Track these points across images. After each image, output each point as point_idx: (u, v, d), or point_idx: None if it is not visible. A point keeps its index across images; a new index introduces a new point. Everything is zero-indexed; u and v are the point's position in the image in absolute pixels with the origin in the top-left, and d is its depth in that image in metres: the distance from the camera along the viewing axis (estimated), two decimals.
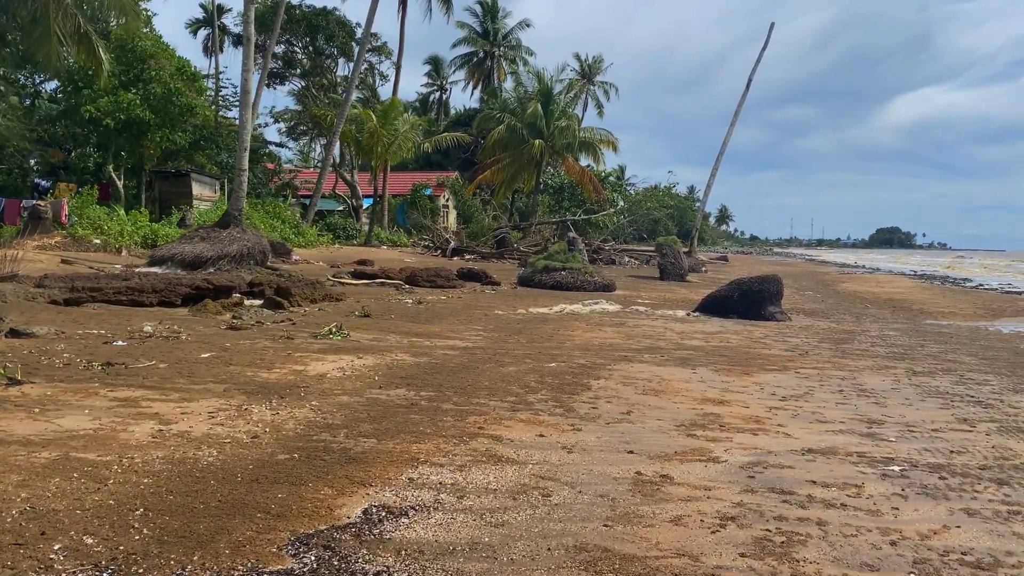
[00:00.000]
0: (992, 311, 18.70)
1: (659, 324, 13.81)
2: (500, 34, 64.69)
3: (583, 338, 11.33)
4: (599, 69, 71.21)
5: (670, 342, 11.39)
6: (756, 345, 11.49)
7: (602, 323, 13.48)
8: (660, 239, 31.44)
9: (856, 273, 45.27)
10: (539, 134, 43.95)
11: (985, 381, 8.96)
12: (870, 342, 12.40)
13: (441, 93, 76.06)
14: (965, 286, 32.17)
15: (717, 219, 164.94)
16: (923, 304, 20.89)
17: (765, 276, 16.27)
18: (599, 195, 47.75)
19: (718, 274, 37.42)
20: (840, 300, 22.53)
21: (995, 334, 14.17)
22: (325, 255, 28.39)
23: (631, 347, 10.62)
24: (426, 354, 8.97)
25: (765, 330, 13.67)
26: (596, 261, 38.25)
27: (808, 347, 11.50)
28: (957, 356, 11.04)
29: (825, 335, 13.21)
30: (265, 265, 18.56)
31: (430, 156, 61.32)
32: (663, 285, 26.19)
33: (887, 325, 15.46)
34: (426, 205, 47.50)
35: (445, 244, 37.73)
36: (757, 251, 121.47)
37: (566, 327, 12.56)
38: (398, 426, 5.65)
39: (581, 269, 20.48)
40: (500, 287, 20.04)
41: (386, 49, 42.30)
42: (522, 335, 11.26)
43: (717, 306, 16.30)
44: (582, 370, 8.48)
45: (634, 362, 9.28)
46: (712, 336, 12.37)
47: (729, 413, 6.73)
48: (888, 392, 8.10)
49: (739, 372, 8.92)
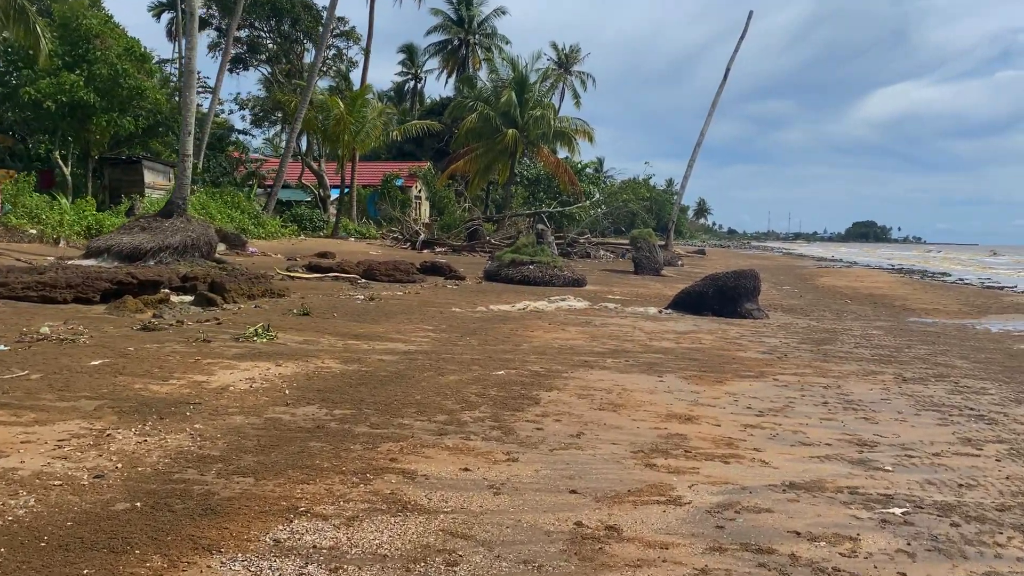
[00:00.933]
0: (977, 308, 17.94)
1: (628, 323, 12.83)
2: (475, 21, 63.44)
3: (543, 339, 10.32)
4: (576, 59, 70.19)
5: (638, 344, 10.41)
6: (731, 347, 10.54)
7: (566, 322, 12.48)
8: (635, 232, 30.52)
9: (834, 267, 44.69)
10: (513, 123, 42.83)
11: (983, 390, 8.06)
12: (853, 343, 11.51)
13: (416, 82, 74.69)
14: (945, 281, 31.57)
15: (695, 213, 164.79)
16: (905, 300, 20.11)
17: (741, 271, 15.34)
18: (575, 187, 46.74)
19: (695, 268, 36.62)
20: (819, 296, 21.72)
21: (984, 333, 13.34)
22: (286, 247, 27.16)
23: (594, 350, 9.62)
24: (359, 360, 7.91)
25: (741, 329, 12.75)
26: (570, 255, 37.33)
27: (787, 349, 10.57)
28: (948, 359, 10.16)
29: (805, 335, 12.30)
30: (211, 258, 17.35)
31: (403, 146, 60.14)
32: (637, 280, 25.26)
33: (870, 323, 14.60)
34: (397, 196, 46.27)
35: (415, 236, 36.57)
36: (735, 245, 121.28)
37: (526, 327, 11.54)
38: (289, 458, 4.59)
39: (550, 263, 19.48)
40: (464, 282, 18.98)
41: (354, 34, 40.97)
42: (475, 336, 10.22)
43: (691, 303, 15.37)
44: (534, 379, 7.46)
45: (595, 368, 8.28)
46: (684, 336, 11.41)
47: (697, 433, 5.74)
48: (878, 404, 7.16)
49: (711, 380, 7.94)
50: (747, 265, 44.89)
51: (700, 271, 33.78)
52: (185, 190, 17.19)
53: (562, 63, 69.95)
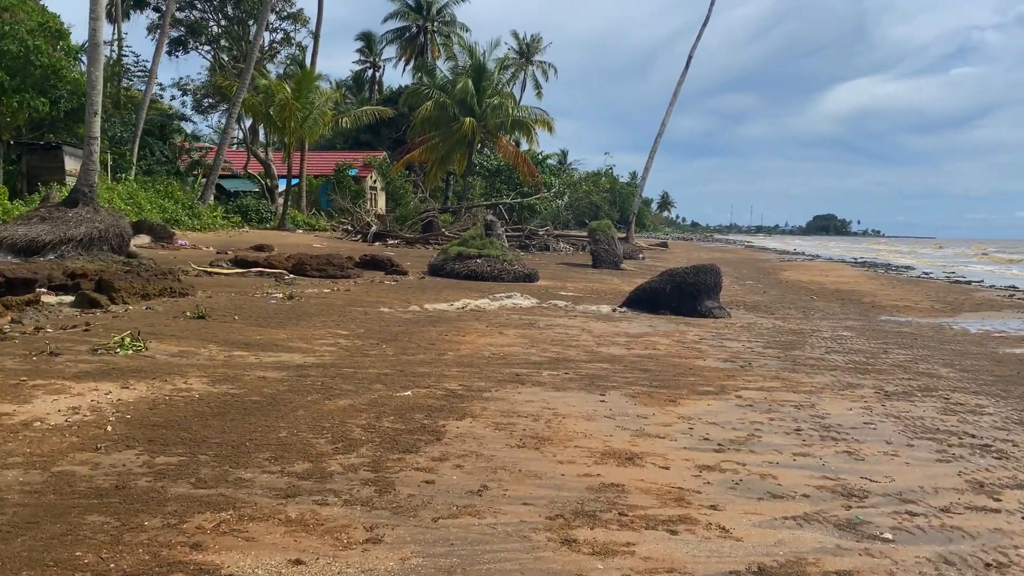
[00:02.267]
0: (949, 305, 16.96)
1: (576, 324, 11.52)
2: (434, 8, 61.64)
3: (474, 346, 8.95)
4: (537, 48, 68.80)
5: (583, 350, 9.09)
6: (688, 353, 9.28)
7: (507, 323, 11.12)
8: (593, 224, 29.28)
9: (797, 260, 44.01)
10: (470, 112, 41.32)
11: (979, 408, 6.86)
12: (824, 347, 10.32)
13: (374, 70, 72.70)
14: (910, 275, 30.85)
15: (659, 205, 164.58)
16: (873, 296, 19.11)
17: (701, 266, 14.12)
18: (534, 178, 45.38)
19: (656, 261, 35.54)
20: (783, 291, 20.66)
21: (962, 334, 12.27)
22: (222, 240, 25.41)
23: (531, 359, 8.27)
24: (233, 379, 6.45)
25: (701, 330, 11.51)
26: (529, 247, 36.03)
27: (751, 355, 9.33)
28: (931, 367, 9.00)
29: (771, 337, 11.10)
30: (123, 252, 15.68)
31: (359, 136, 58.28)
32: (594, 274, 24.01)
33: (839, 322, 13.48)
34: (350, 187, 44.49)
35: (366, 228, 34.98)
36: (698, 237, 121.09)
37: (459, 330, 10.15)
38: (39, 548, 3.16)
39: (499, 256, 18.10)
40: (406, 277, 17.53)
41: (302, 16, 39.04)
42: (395, 343, 8.81)
43: (647, 300, 14.12)
44: (446, 402, 6.08)
45: (526, 385, 6.93)
46: (637, 340, 10.12)
47: (639, 482, 4.41)
48: (861, 429, 5.92)
49: (663, 398, 6.64)
50: (709, 258, 44.11)
51: (662, 264, 32.64)
52: (92, 176, 15.47)
53: (523, 52, 68.52)
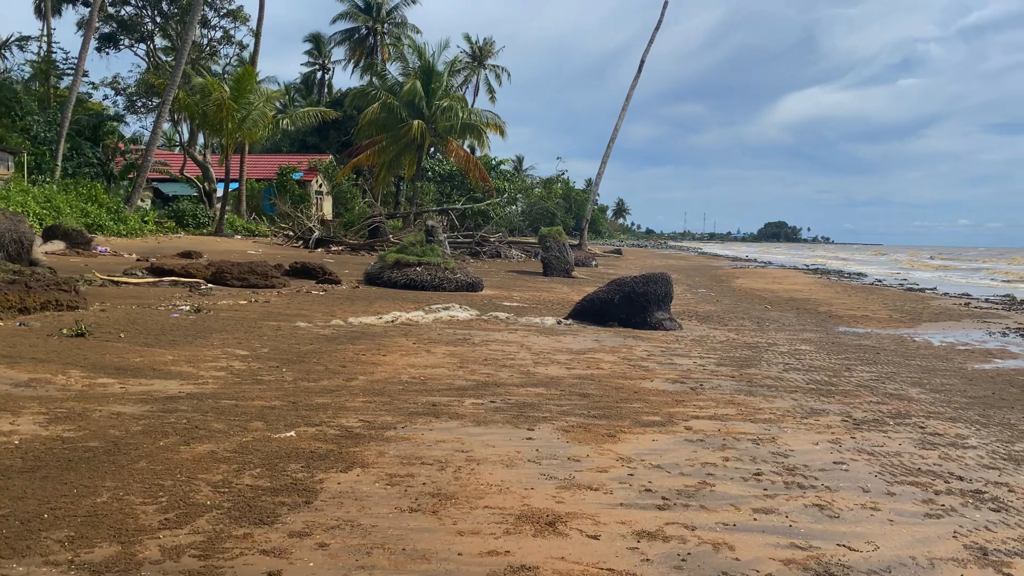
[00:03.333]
0: (907, 314, 16.36)
1: (516, 339, 10.51)
2: (384, 10, 60.40)
3: (393, 368, 7.87)
4: (490, 52, 67.88)
5: (518, 371, 8.07)
6: (635, 372, 8.32)
7: (438, 339, 10.05)
8: (544, 230, 28.37)
9: (749, 267, 43.73)
10: (419, 114, 40.18)
11: (960, 439, 6.01)
12: (782, 363, 9.46)
13: (323, 73, 71.15)
14: (863, 282, 30.53)
15: (614, 213, 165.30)
16: (829, 305, 18.47)
17: (651, 275, 13.24)
18: (486, 183, 44.37)
19: (609, 268, 34.84)
20: (737, 300, 19.94)
21: (926, 347, 11.56)
22: (149, 246, 23.87)
23: (455, 384, 7.22)
24: (79, 417, 5.28)
25: (650, 344, 10.60)
26: (480, 254, 35.00)
27: (703, 374, 8.42)
28: (899, 387, 8.18)
29: (724, 352, 10.22)
30: (22, 259, 14.20)
31: (306, 139, 56.73)
32: (544, 282, 23.08)
33: (796, 334, 12.70)
34: (294, 190, 42.99)
35: (308, 234, 33.57)
36: (652, 244, 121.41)
37: (381, 348, 9.06)
38: None
39: (441, 264, 17.02)
40: (338, 286, 16.34)
41: (241, 14, 37.45)
42: (299, 365, 7.68)
43: (595, 311, 13.19)
44: (335, 446, 5.00)
45: (442, 418, 5.88)
46: (579, 358, 9.14)
47: (558, 563, 3.40)
48: (830, 472, 5.00)
49: (600, 433, 5.65)
50: (663, 265, 43.60)
51: (614, 272, 31.89)
52: None
53: (476, 56, 67.55)
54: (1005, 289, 27.04)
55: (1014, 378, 8.95)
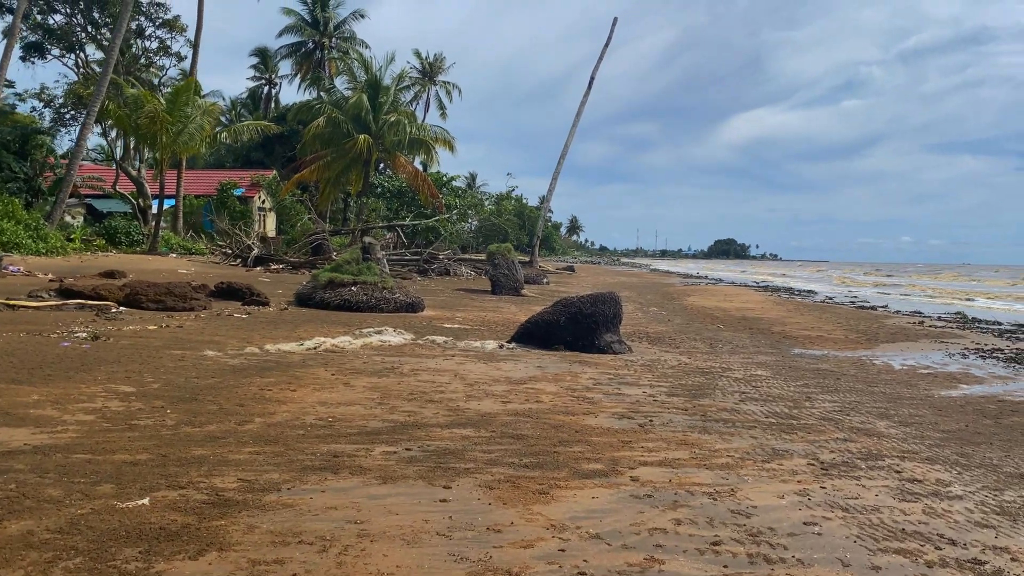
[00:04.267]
0: (863, 334, 15.83)
1: (451, 366, 9.58)
2: (331, 24, 59.25)
3: (300, 406, 6.87)
4: (441, 68, 67.07)
5: (447, 407, 7.14)
6: (577, 406, 7.46)
7: (362, 369, 9.06)
8: (492, 247, 27.48)
9: (700, 284, 43.46)
10: (366, 129, 39.15)
11: (942, 487, 5.26)
12: (738, 392, 8.69)
13: (270, 87, 69.61)
14: (814, 300, 30.28)
15: (568, 229, 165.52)
16: (782, 324, 17.91)
17: (599, 295, 12.44)
18: (435, 199, 43.42)
19: (560, 286, 34.15)
20: (689, 319, 19.30)
21: (887, 371, 10.93)
22: (71, 266, 22.35)
23: (368, 426, 6.26)
24: None
25: (597, 371, 9.77)
26: (428, 272, 34.01)
27: (653, 406, 7.59)
28: (865, 419, 7.45)
29: (676, 379, 9.44)
30: None
31: (250, 154, 55.12)
32: (491, 301, 22.19)
33: (750, 357, 12.00)
34: (235, 207, 41.42)
35: (247, 252, 32.18)
36: (605, 261, 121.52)
37: (294, 381, 8.04)
38: None
39: (378, 283, 16.00)
40: (265, 308, 15.20)
41: (178, 24, 36.00)
42: (190, 405, 6.63)
43: (540, 334, 12.33)
44: (195, 518, 4.00)
45: (342, 473, 4.92)
46: (518, 388, 8.25)
47: None
48: (802, 537, 4.17)
49: (531, 490, 4.75)
50: (615, 283, 43.03)
51: (565, 290, 31.15)
52: None
53: (426, 72, 66.69)
54: (954, 306, 27.01)
55: (984, 407, 8.31)
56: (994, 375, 10.69)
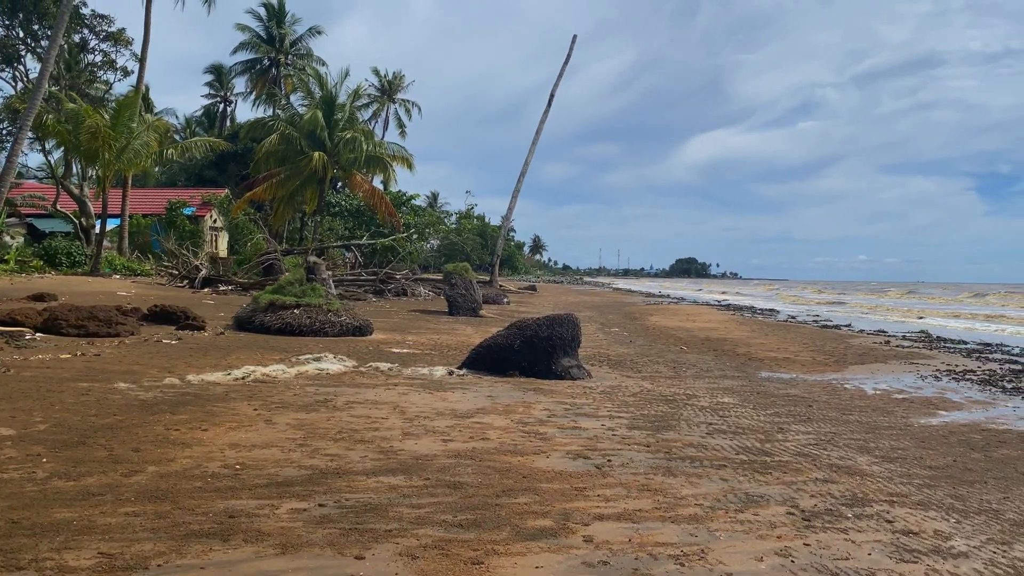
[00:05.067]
0: (831, 356, 15.28)
1: (392, 397, 8.72)
2: (287, 40, 58.19)
3: (205, 451, 5.95)
4: (400, 86, 66.40)
5: (378, 448, 6.29)
6: (528, 444, 6.65)
7: (289, 403, 8.16)
8: (449, 266, 26.64)
9: (663, 303, 43.06)
10: (321, 146, 38.15)
11: (942, 540, 4.54)
12: (705, 423, 7.97)
13: (225, 105, 68.28)
14: (777, 319, 29.92)
15: (531, 249, 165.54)
16: (747, 346, 17.33)
17: (556, 317, 11.68)
18: (393, 218, 42.50)
19: (521, 306, 33.45)
20: (651, 340, 18.64)
21: (860, 397, 10.31)
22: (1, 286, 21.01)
23: (280, 475, 5.38)
24: None
25: (553, 400, 8.99)
26: (385, 292, 33.03)
27: (612, 443, 6.82)
28: (844, 453, 6.76)
29: (637, 408, 8.69)
30: None
31: (203, 172, 53.67)
32: (447, 323, 21.35)
33: (716, 382, 11.32)
34: (185, 226, 40.07)
35: (195, 272, 30.90)
36: (568, 280, 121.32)
37: (207, 419, 7.12)
38: None
39: (323, 306, 15.06)
40: (200, 333, 14.17)
41: (123, 37, 34.70)
42: (78, 450, 5.69)
43: (492, 359, 11.52)
44: None
45: (232, 540, 4.04)
46: (463, 424, 7.42)
47: None
48: None
49: (462, 559, 3.93)
50: (577, 302, 42.41)
51: (526, 310, 30.38)
52: None
53: (385, 90, 65.95)
54: (918, 325, 26.83)
55: (969, 437, 7.68)
56: (972, 400, 10.13)
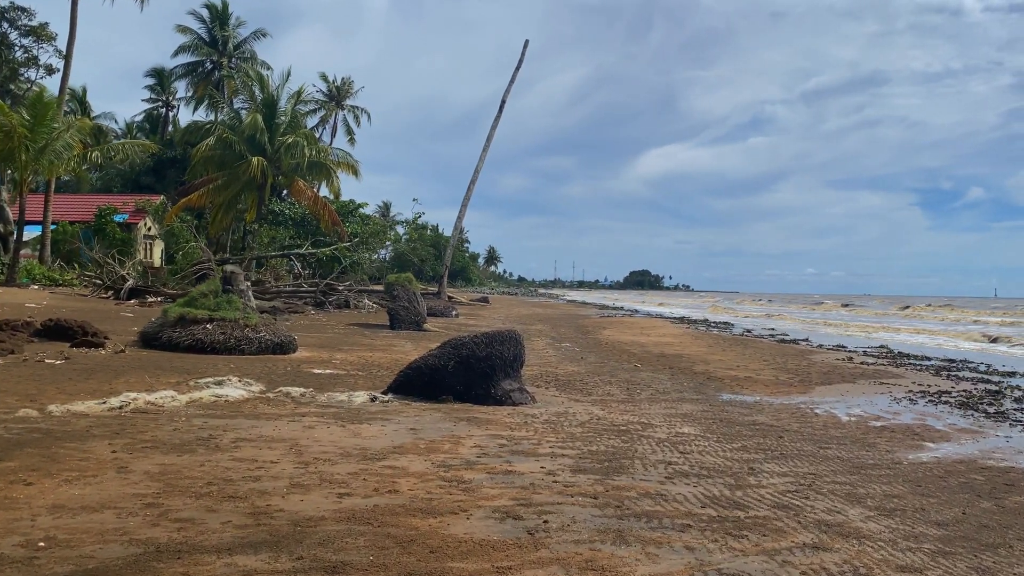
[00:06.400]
0: (795, 374, 14.23)
1: (294, 432, 7.31)
2: (231, 43, 56.09)
3: (13, 516, 4.50)
4: (349, 92, 64.64)
5: (251, 506, 4.89)
6: (446, 499, 5.31)
7: (165, 440, 6.70)
8: (391, 277, 25.21)
9: (616, 316, 42.10)
10: (261, 151, 36.44)
11: None
12: (663, 462, 6.72)
13: (167, 110, 65.73)
14: (732, 332, 29.04)
15: (486, 260, 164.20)
16: (704, 362, 16.23)
17: (497, 334, 10.39)
18: (337, 227, 40.81)
19: (471, 319, 32.15)
20: (604, 356, 17.45)
21: (834, 424, 9.18)
22: None
23: (98, 557, 3.96)
24: None
25: (487, 432, 7.68)
26: (324, 304, 31.43)
27: (551, 495, 5.52)
28: (832, 505, 5.56)
29: (585, 443, 7.42)
30: None
31: (139, 178, 51.29)
32: (386, 337, 19.92)
33: (674, 407, 10.13)
34: (115, 234, 37.84)
35: (121, 283, 28.91)
36: (523, 292, 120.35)
37: (44, 465, 5.64)
38: None
39: (239, 320, 13.52)
40: (97, 351, 12.53)
41: (46, 32, 32.60)
42: None
43: (423, 382, 10.17)
44: None
45: None
46: (371, 468, 6.06)
47: None
48: None
49: None
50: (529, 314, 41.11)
51: (475, 323, 29.05)
52: None
53: (333, 96, 64.13)
54: (875, 340, 26.20)
55: (970, 479, 6.56)
56: (957, 428, 9.08)
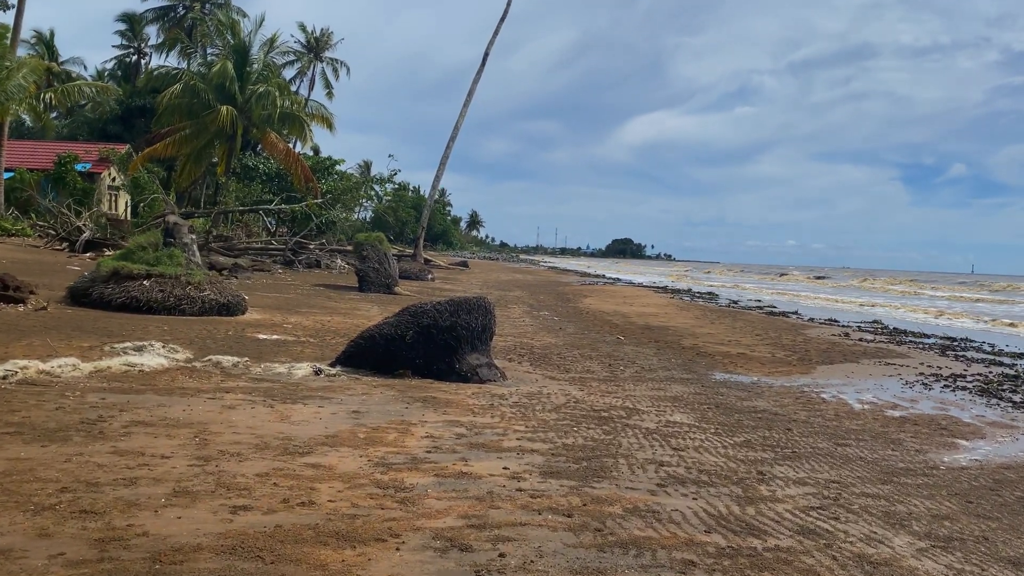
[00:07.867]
0: (792, 351, 13.05)
1: (207, 413, 6.02)
2: None
3: None
4: (328, 44, 62.24)
5: (106, 526, 3.61)
6: (376, 515, 4.05)
7: (39, 424, 5.39)
8: (360, 236, 23.81)
9: (598, 284, 40.91)
10: (230, 100, 34.46)
11: None
12: (653, 463, 5.51)
13: (139, 57, 63.11)
14: (718, 303, 27.92)
15: (468, 224, 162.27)
16: (692, 336, 15.04)
17: (463, 301, 9.09)
18: (310, 182, 39.05)
19: (447, 283, 30.79)
20: (584, 326, 16.23)
21: (847, 413, 8.00)
22: None
23: None
24: None
25: (444, 418, 6.43)
26: (294, 264, 30.02)
27: (512, 509, 4.29)
28: (869, 529, 4.36)
29: (559, 433, 6.20)
30: None
31: (106, 127, 49.13)
32: (352, 300, 18.58)
33: (662, 388, 8.92)
34: (76, 184, 35.95)
35: (77, 234, 27.27)
36: (504, 257, 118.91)
37: None
38: None
39: (181, 277, 12.12)
40: (16, 307, 11.11)
41: None
42: None
43: (378, 353, 8.88)
44: None
45: None
46: (288, 467, 4.79)
47: None
48: None
49: None
50: (509, 280, 39.68)
51: (451, 287, 27.72)
52: None
53: (312, 47, 61.73)
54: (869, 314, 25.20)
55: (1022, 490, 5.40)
56: (986, 420, 7.95)
